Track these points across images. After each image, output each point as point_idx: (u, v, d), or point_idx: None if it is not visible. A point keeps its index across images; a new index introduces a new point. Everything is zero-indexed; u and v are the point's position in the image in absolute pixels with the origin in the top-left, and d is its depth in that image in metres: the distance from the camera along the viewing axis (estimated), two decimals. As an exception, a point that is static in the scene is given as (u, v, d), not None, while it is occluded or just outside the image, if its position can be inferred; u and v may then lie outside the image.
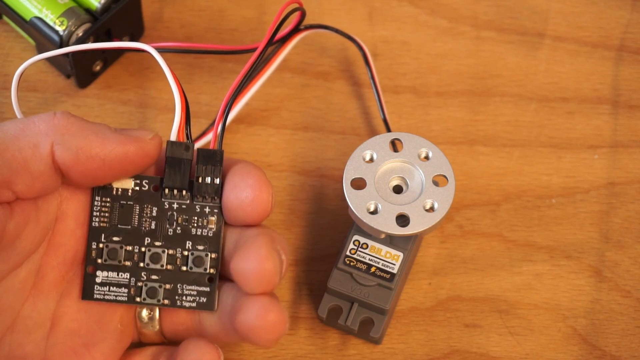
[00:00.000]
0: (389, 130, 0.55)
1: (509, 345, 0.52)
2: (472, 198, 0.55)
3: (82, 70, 0.56)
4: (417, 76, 0.58)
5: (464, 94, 0.57)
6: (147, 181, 0.48)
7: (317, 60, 0.58)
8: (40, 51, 0.56)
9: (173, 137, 0.47)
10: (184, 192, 0.47)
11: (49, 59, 0.57)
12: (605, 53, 0.59)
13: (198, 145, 0.53)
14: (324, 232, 0.54)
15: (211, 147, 0.48)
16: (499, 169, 0.56)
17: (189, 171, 0.47)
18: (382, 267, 0.50)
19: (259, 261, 0.44)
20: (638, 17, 0.60)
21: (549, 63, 0.58)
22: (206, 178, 0.47)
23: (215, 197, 0.47)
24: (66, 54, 0.53)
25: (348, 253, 0.50)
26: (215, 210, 0.47)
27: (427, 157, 0.50)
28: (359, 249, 0.50)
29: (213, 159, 0.47)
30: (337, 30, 0.56)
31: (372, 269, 0.50)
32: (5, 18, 0.57)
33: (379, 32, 0.58)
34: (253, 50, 0.54)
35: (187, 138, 0.47)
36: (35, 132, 0.45)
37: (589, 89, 0.58)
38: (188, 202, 0.48)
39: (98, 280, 0.47)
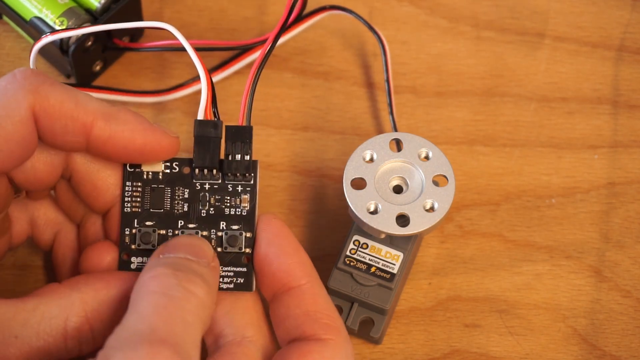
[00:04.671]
0: (395, 128, 0.55)
1: (509, 345, 0.52)
2: (472, 198, 0.55)
3: (82, 70, 0.56)
4: (417, 76, 0.58)
5: (463, 94, 0.57)
6: (177, 163, 0.47)
7: (317, 60, 0.58)
8: (40, 51, 0.56)
9: (200, 116, 0.46)
10: (215, 171, 0.46)
11: (48, 59, 0.57)
12: (605, 53, 0.59)
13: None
14: (324, 232, 0.54)
15: (239, 123, 0.47)
16: (499, 169, 0.56)
17: (218, 149, 0.46)
18: (382, 267, 0.50)
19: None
20: (638, 17, 0.60)
21: (549, 63, 0.58)
22: (236, 155, 0.46)
23: (247, 175, 0.46)
24: (67, 54, 0.53)
25: (348, 253, 0.50)
26: (248, 189, 0.46)
27: (427, 157, 0.50)
28: (359, 249, 0.50)
29: (242, 135, 0.46)
30: (357, 15, 0.56)
31: (372, 269, 0.50)
32: (5, 18, 0.57)
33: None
34: (253, 45, 0.55)
35: (215, 116, 0.46)
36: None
37: (589, 89, 0.58)
38: (219, 181, 0.47)
39: (133, 266, 0.46)
